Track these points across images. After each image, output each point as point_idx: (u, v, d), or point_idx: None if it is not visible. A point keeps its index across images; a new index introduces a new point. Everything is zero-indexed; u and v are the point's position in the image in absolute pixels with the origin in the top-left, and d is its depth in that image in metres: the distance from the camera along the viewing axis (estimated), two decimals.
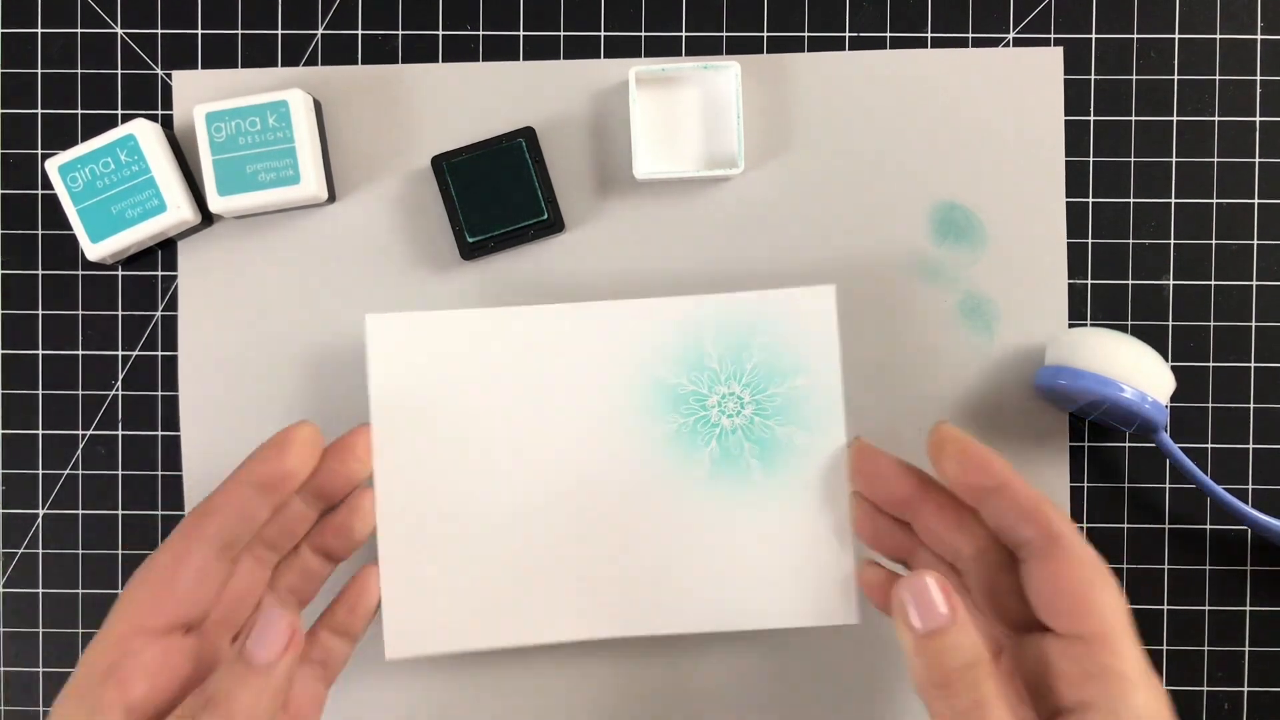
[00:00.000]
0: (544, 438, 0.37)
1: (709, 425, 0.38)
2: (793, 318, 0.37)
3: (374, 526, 0.36)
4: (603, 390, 0.37)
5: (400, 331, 0.37)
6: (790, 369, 0.37)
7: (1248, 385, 0.41)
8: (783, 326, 0.37)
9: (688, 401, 0.38)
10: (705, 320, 0.38)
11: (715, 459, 0.38)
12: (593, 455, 0.37)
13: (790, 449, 0.37)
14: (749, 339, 0.37)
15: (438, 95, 0.41)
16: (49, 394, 0.41)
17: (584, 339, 0.38)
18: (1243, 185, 0.41)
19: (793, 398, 0.37)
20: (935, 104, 0.41)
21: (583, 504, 0.37)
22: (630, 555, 0.37)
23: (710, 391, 0.38)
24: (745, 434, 0.38)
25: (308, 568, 0.36)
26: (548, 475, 0.37)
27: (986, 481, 0.32)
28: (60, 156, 0.39)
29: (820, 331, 0.37)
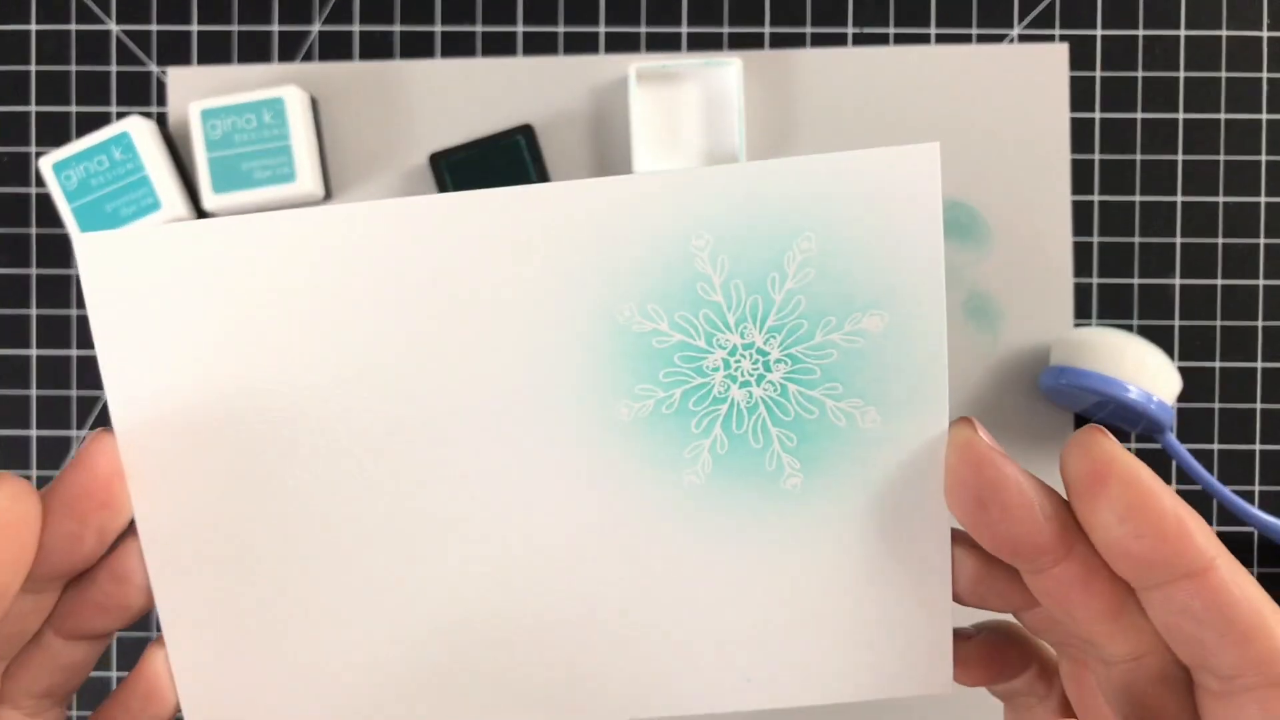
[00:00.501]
0: (404, 425, 0.22)
1: (711, 400, 0.21)
2: (862, 202, 0.21)
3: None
4: (517, 350, 0.21)
5: (134, 257, 0.21)
6: (856, 299, 0.21)
7: (1254, 385, 0.41)
8: (844, 219, 0.21)
9: (672, 360, 0.21)
10: (704, 214, 0.21)
11: (720, 455, 0.22)
12: (497, 458, 0.21)
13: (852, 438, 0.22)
14: (782, 246, 0.21)
15: (435, 92, 0.41)
16: (42, 394, 0.41)
17: (478, 257, 0.21)
18: (1249, 183, 0.41)
19: (856, 353, 0.21)
20: (939, 101, 0.40)
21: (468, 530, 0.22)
22: (581, 625, 0.22)
23: (711, 344, 0.21)
24: (771, 415, 0.21)
25: (61, 660, 0.23)
26: (407, 480, 0.22)
27: (1174, 561, 0.19)
28: (54, 154, 0.38)
29: (914, 227, 0.21)
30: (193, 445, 0.23)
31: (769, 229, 0.21)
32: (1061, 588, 0.20)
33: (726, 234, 0.21)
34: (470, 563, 0.22)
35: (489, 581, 0.22)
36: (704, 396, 0.21)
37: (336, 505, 0.23)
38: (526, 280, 0.21)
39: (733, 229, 0.21)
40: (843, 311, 0.21)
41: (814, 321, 0.21)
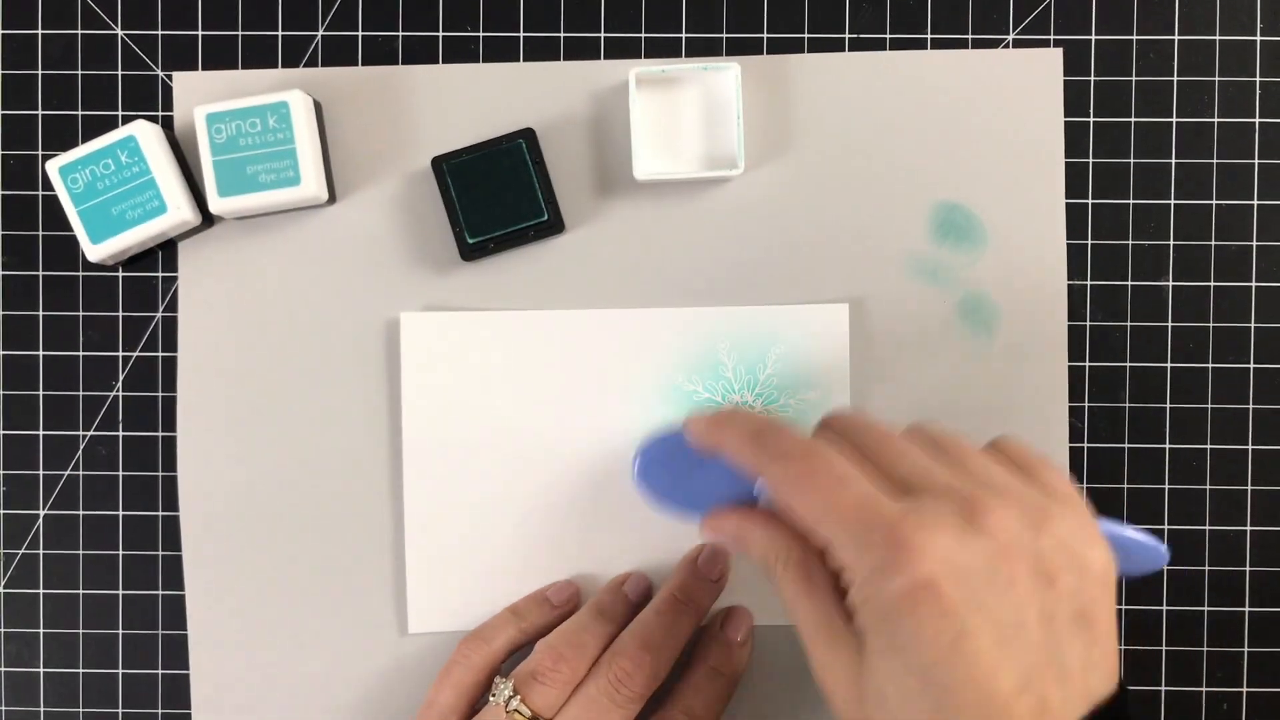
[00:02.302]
0: (562, 437, 0.40)
1: None
2: (807, 334, 0.40)
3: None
4: (621, 393, 0.40)
5: (432, 328, 0.40)
6: (802, 382, 0.40)
7: (1247, 387, 0.41)
8: (797, 342, 0.40)
9: (702, 408, 0.40)
10: (723, 331, 0.40)
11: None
12: (609, 456, 0.40)
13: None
14: (765, 351, 0.40)
15: (438, 96, 0.41)
16: (49, 395, 0.41)
17: (606, 343, 0.40)
18: (1242, 186, 0.41)
19: (803, 410, 0.40)
20: (935, 105, 0.41)
21: (597, 501, 0.40)
22: (639, 549, 0.40)
23: (724, 399, 0.40)
24: None
25: None
26: (564, 473, 0.40)
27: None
28: (61, 158, 0.39)
29: (832, 349, 0.40)
30: (445, 433, 0.40)
31: (758, 341, 0.40)
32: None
33: (736, 342, 0.40)
34: (581, 498, 0.40)
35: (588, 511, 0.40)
36: None
37: (524, 473, 0.40)
38: (631, 360, 0.40)
39: (739, 340, 0.40)
40: (796, 387, 0.40)
41: (781, 391, 0.40)
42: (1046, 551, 0.28)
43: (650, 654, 0.36)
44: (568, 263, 0.41)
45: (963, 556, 0.27)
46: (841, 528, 0.29)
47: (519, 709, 0.35)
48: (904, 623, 0.27)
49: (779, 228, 0.41)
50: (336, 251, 0.41)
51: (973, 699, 0.26)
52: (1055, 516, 0.28)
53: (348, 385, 0.41)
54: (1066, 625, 0.28)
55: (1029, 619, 0.27)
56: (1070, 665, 0.27)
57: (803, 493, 0.30)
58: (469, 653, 0.38)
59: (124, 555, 0.41)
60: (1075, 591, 0.28)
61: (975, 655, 0.26)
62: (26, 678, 0.41)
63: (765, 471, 0.31)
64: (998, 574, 0.27)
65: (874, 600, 0.28)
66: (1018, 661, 0.27)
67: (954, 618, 0.26)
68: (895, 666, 0.27)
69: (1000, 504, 0.28)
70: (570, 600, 0.40)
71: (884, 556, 0.27)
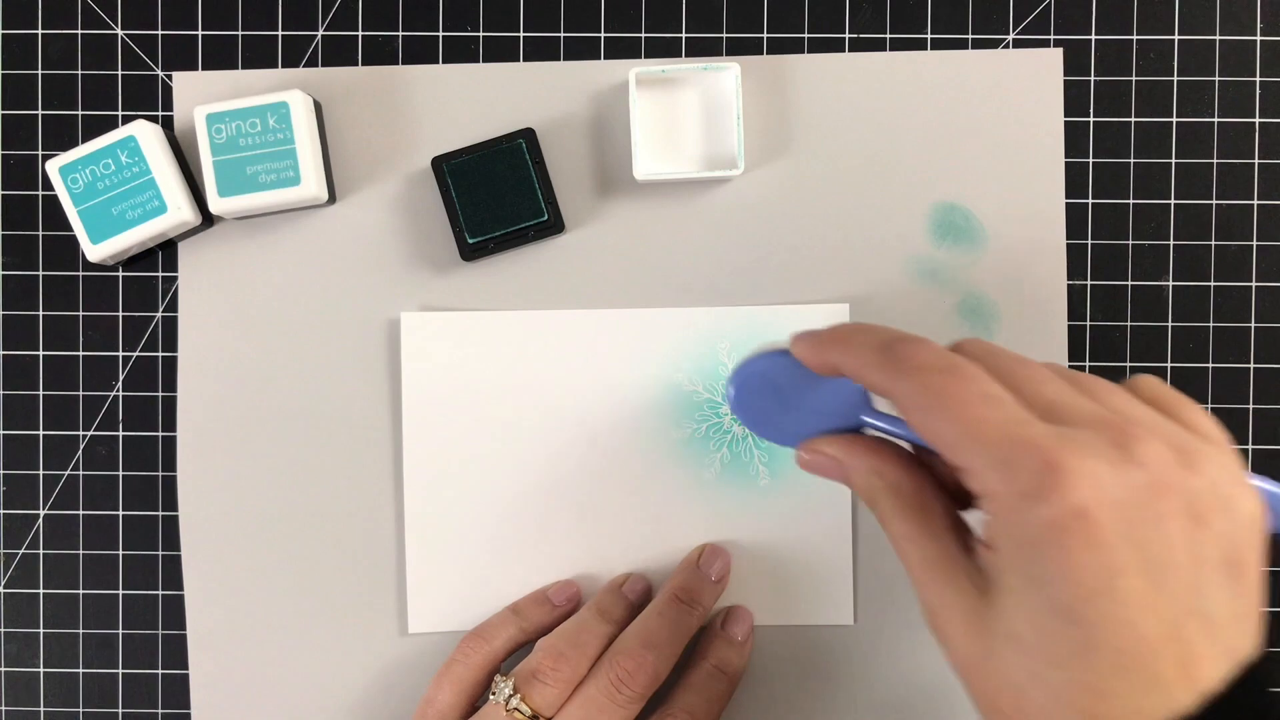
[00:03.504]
0: (562, 437, 0.40)
1: (721, 431, 0.40)
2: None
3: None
4: (623, 392, 0.40)
5: (432, 328, 0.40)
6: None
7: (1247, 386, 0.41)
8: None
9: (702, 408, 0.40)
10: (723, 331, 0.40)
11: (725, 463, 0.40)
12: (610, 453, 0.40)
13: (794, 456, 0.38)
14: None
15: (438, 96, 0.41)
16: (49, 395, 0.41)
17: (605, 343, 0.40)
18: (1242, 186, 0.41)
19: None
20: (935, 105, 0.41)
21: (597, 498, 0.40)
22: (640, 549, 0.40)
23: (724, 400, 0.40)
24: (755, 441, 0.40)
25: None
26: (564, 473, 0.40)
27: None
28: (61, 158, 0.39)
29: None
30: (445, 431, 0.40)
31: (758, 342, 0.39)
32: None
33: (736, 342, 0.40)
34: (581, 495, 0.40)
35: (588, 508, 0.40)
36: (718, 428, 0.40)
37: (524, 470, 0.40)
38: (631, 360, 0.40)
39: (739, 340, 0.40)
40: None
41: None
42: (1198, 490, 0.26)
43: (652, 653, 0.36)
44: (568, 263, 0.41)
45: (1117, 487, 0.25)
46: (987, 449, 0.26)
47: (519, 707, 0.35)
48: (1051, 554, 0.25)
49: (779, 228, 0.41)
50: (336, 251, 0.41)
51: (1117, 643, 0.24)
52: (1205, 456, 0.26)
53: (348, 385, 0.41)
54: (1216, 571, 0.26)
55: (1180, 560, 0.25)
56: (1217, 615, 0.25)
57: (944, 409, 0.27)
58: (469, 651, 0.37)
59: (124, 555, 0.41)
60: (1226, 535, 0.26)
61: (1126, 594, 0.24)
62: (26, 678, 0.41)
63: (896, 387, 0.28)
64: (1151, 509, 0.25)
65: (1019, 529, 0.25)
66: (1167, 604, 0.25)
67: (1107, 551, 0.24)
68: (1035, 604, 0.25)
69: (1151, 436, 0.26)
70: (571, 600, 0.40)
71: (1034, 482, 0.25)
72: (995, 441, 0.26)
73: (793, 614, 0.40)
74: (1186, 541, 0.25)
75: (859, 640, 0.41)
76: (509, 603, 0.40)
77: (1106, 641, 0.24)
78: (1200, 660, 0.25)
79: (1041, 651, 0.25)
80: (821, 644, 0.41)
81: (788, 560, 0.40)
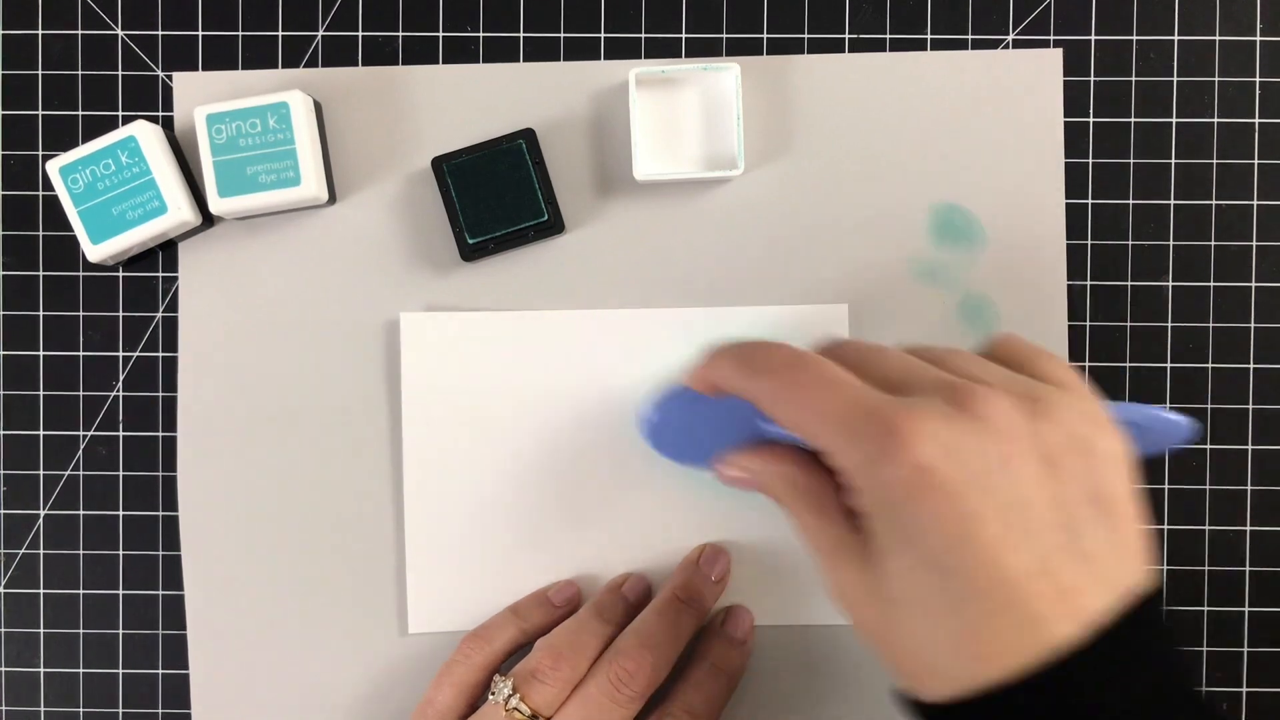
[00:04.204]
0: (562, 437, 0.40)
1: None
2: (807, 334, 0.38)
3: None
4: (623, 392, 0.40)
5: (432, 329, 0.40)
6: None
7: (1247, 387, 0.41)
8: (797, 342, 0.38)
9: None
10: (723, 331, 0.40)
11: None
12: (609, 453, 0.40)
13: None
14: None
15: (438, 97, 0.41)
16: (50, 395, 0.41)
17: (606, 343, 0.40)
18: (1242, 187, 0.41)
19: None
20: (935, 106, 0.41)
21: (597, 498, 0.40)
22: (640, 549, 0.40)
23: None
24: None
25: None
26: (564, 473, 0.40)
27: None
28: (61, 158, 0.39)
29: None
30: (445, 431, 0.40)
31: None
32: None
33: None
34: (581, 496, 0.40)
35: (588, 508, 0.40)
36: None
37: (523, 470, 0.40)
38: (631, 360, 0.40)
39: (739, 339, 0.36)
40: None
41: None
42: (1047, 436, 0.27)
43: (651, 653, 0.36)
44: (568, 263, 0.41)
45: (958, 441, 0.26)
46: (833, 427, 0.28)
47: (518, 707, 0.35)
48: (907, 511, 0.26)
49: (779, 228, 0.41)
50: (336, 251, 0.41)
51: (986, 584, 0.26)
52: (1053, 403, 0.28)
53: (348, 385, 0.41)
54: (1081, 508, 0.27)
55: (1036, 500, 0.26)
56: (1091, 549, 0.27)
57: (792, 399, 0.29)
58: (470, 651, 0.38)
59: (124, 555, 0.41)
60: (1084, 473, 0.27)
61: (986, 538, 0.26)
62: (26, 678, 0.41)
63: (757, 389, 0.31)
64: (996, 457, 0.26)
65: (875, 494, 0.27)
66: (1030, 544, 0.26)
67: (956, 500, 0.26)
68: (908, 562, 0.27)
69: (991, 392, 0.27)
70: (571, 600, 0.40)
71: (877, 447, 0.27)
72: (841, 418, 0.28)
73: (793, 614, 0.40)
74: (1041, 484, 0.27)
75: (859, 640, 0.41)
76: (509, 603, 0.40)
77: (976, 585, 0.26)
78: (1078, 594, 0.26)
79: (924, 606, 0.27)
80: (821, 644, 0.41)
81: (788, 560, 0.40)
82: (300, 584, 0.41)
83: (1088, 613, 0.26)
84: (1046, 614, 0.26)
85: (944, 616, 0.26)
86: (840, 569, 0.30)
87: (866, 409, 0.27)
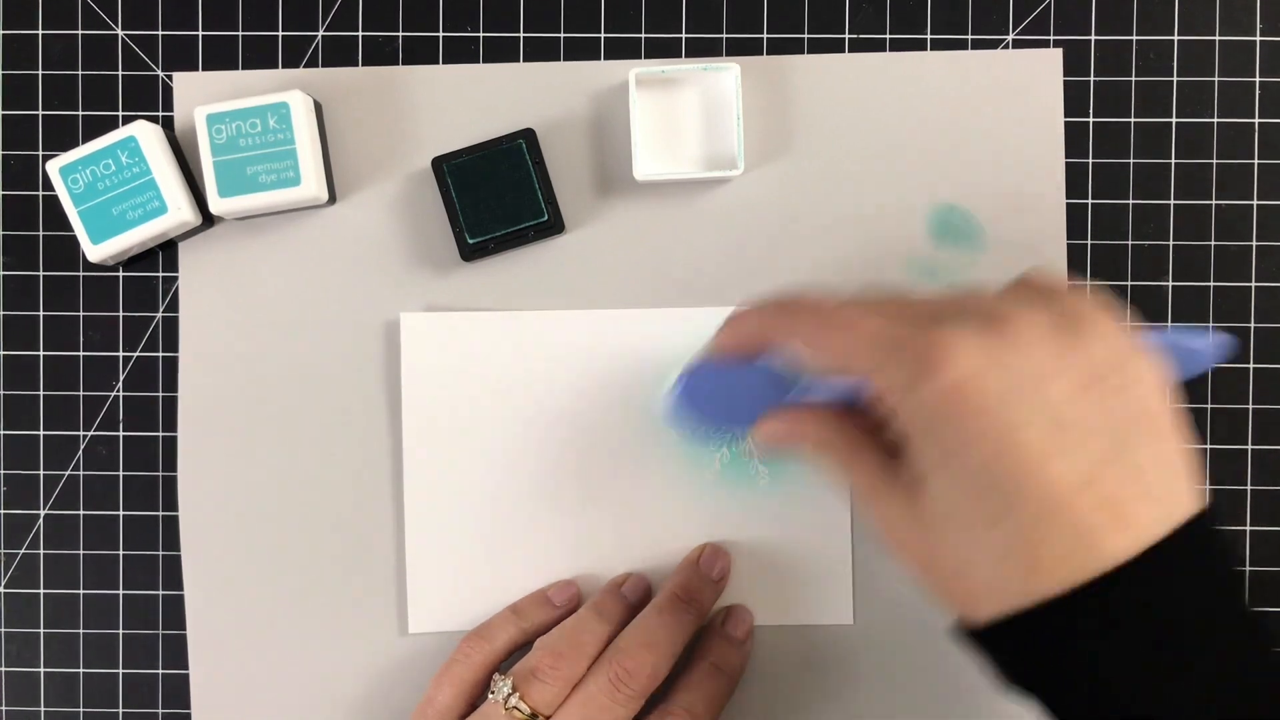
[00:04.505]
0: (562, 437, 0.40)
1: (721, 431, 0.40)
2: None
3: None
4: (622, 392, 0.40)
5: (432, 329, 0.40)
6: None
7: (1247, 387, 0.41)
8: None
9: None
10: None
11: (725, 463, 0.40)
12: (609, 453, 0.40)
13: (796, 458, 0.40)
14: None
15: (438, 97, 0.41)
16: (50, 395, 0.41)
17: (606, 343, 0.40)
18: (1242, 187, 0.41)
19: None
20: (934, 106, 0.41)
21: (597, 498, 0.40)
22: (640, 549, 0.40)
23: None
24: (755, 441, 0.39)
25: None
26: (564, 473, 0.40)
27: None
28: (61, 158, 0.39)
29: None
30: (446, 432, 0.40)
31: None
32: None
33: None
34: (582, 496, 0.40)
35: (589, 508, 0.40)
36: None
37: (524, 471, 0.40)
38: (631, 361, 0.40)
39: None
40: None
41: None
42: (1083, 358, 0.27)
43: (651, 653, 0.36)
44: (568, 263, 0.41)
45: (996, 358, 0.26)
46: (872, 353, 0.28)
47: (518, 706, 0.35)
48: (949, 428, 0.26)
49: (778, 228, 0.41)
50: (336, 251, 0.41)
51: (1033, 494, 0.26)
52: (1087, 328, 0.28)
53: (348, 385, 0.41)
54: (1123, 424, 0.27)
55: (1077, 415, 0.26)
56: (1137, 464, 0.26)
57: (827, 336, 0.30)
58: (470, 651, 0.38)
59: (124, 555, 0.41)
60: (1123, 393, 0.27)
61: (1027, 447, 0.26)
62: (26, 678, 0.41)
63: (791, 331, 0.31)
64: (1034, 375, 0.26)
65: (916, 415, 0.27)
66: (1075, 454, 0.26)
67: (997, 412, 0.26)
68: (951, 479, 0.27)
69: (1026, 316, 0.27)
70: (571, 600, 0.40)
71: (916, 367, 0.27)
72: (878, 343, 0.28)
73: (792, 614, 0.40)
74: (1082, 401, 0.27)
75: (858, 640, 0.41)
76: (509, 603, 0.40)
77: (1022, 495, 0.26)
78: (1130, 508, 0.26)
79: (971, 521, 0.27)
80: (821, 644, 0.41)
81: (787, 560, 0.40)
82: (300, 584, 0.41)
83: (1138, 526, 0.26)
84: (1096, 525, 0.26)
85: (991, 530, 0.26)
86: (883, 503, 0.30)
87: (904, 332, 0.28)
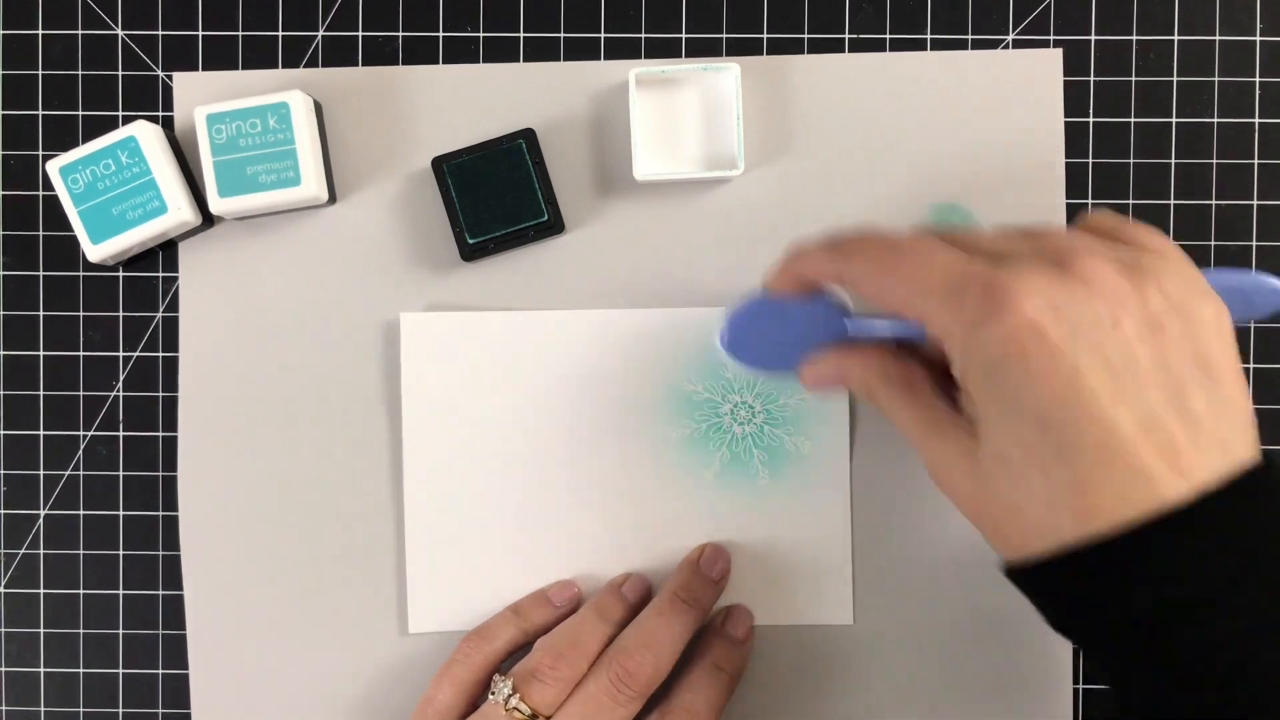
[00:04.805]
0: (562, 437, 0.40)
1: (721, 431, 0.40)
2: None
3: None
4: (623, 392, 0.40)
5: (432, 329, 0.40)
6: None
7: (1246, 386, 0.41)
8: None
9: (702, 408, 0.40)
10: None
11: (725, 463, 0.40)
12: (610, 453, 0.40)
13: (796, 457, 0.40)
14: None
15: (438, 97, 0.41)
16: (50, 395, 0.41)
17: (606, 343, 0.40)
18: (1242, 187, 0.41)
19: (801, 409, 0.40)
20: (934, 106, 0.41)
21: (596, 498, 0.40)
22: (640, 549, 0.40)
23: (724, 399, 0.40)
24: (755, 441, 0.40)
25: None
26: (564, 473, 0.40)
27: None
28: (61, 158, 0.39)
29: None
30: (445, 431, 0.40)
31: None
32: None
33: None
34: (582, 496, 0.40)
35: (589, 508, 0.40)
36: (718, 428, 0.40)
37: (524, 471, 0.40)
38: (631, 361, 0.40)
39: None
40: (794, 389, 0.40)
41: (779, 391, 0.40)
42: (1149, 300, 0.27)
43: (652, 653, 0.36)
44: (568, 263, 0.41)
45: (1061, 298, 0.26)
46: (935, 292, 0.28)
47: (518, 706, 0.35)
48: (1012, 369, 0.26)
49: (778, 228, 0.41)
50: (336, 251, 0.41)
51: (1094, 439, 0.26)
52: (1154, 269, 0.27)
53: (348, 385, 0.41)
54: (1186, 370, 0.27)
55: (1141, 359, 0.26)
56: (1198, 411, 0.27)
57: (889, 274, 0.29)
58: (470, 651, 0.38)
59: (124, 555, 0.41)
60: (1187, 337, 0.27)
61: (1091, 392, 0.26)
62: (26, 678, 0.41)
63: (851, 271, 0.31)
64: (1099, 316, 0.26)
65: (979, 356, 0.27)
66: (1137, 399, 0.26)
67: (1063, 356, 0.26)
68: (1011, 421, 0.27)
69: (1093, 256, 0.27)
70: (571, 600, 0.40)
71: (981, 308, 0.27)
72: (942, 284, 0.28)
73: (792, 614, 0.40)
74: (1145, 346, 0.26)
75: (858, 640, 0.41)
76: (509, 603, 0.40)
77: (1082, 438, 0.26)
78: (1186, 453, 0.26)
79: (1026, 463, 0.27)
80: (821, 644, 0.41)
81: (787, 560, 0.40)
82: (300, 584, 0.41)
83: (1196, 473, 0.26)
84: (1154, 469, 0.26)
85: (1049, 471, 0.26)
86: (936, 444, 0.30)
87: (968, 273, 0.27)
